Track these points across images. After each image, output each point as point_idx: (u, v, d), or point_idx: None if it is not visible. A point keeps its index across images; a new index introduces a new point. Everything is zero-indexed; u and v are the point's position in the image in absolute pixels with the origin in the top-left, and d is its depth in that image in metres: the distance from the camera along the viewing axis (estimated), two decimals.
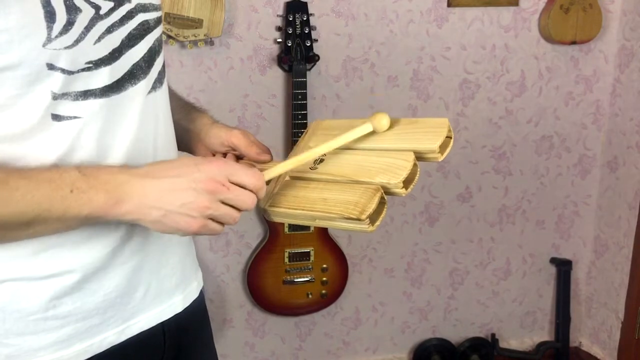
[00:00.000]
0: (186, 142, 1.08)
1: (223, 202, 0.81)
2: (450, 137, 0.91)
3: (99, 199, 0.77)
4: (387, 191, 0.86)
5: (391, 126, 0.95)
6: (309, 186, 0.92)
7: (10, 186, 0.74)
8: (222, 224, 0.84)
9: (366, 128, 0.92)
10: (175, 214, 0.79)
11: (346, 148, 0.96)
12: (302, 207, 0.89)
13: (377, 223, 0.85)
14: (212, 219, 0.82)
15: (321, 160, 0.95)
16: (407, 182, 0.86)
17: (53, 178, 0.76)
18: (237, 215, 0.84)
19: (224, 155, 1.05)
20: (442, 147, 0.89)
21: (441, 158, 0.89)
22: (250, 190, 0.83)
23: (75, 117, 0.80)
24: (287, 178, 0.96)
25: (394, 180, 0.85)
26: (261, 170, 1.02)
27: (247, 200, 0.83)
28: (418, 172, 0.88)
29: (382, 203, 0.85)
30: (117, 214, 0.79)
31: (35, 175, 0.76)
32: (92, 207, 0.77)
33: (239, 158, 1.04)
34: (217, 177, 0.80)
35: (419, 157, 0.89)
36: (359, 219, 0.82)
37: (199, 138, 1.06)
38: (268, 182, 0.92)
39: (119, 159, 0.85)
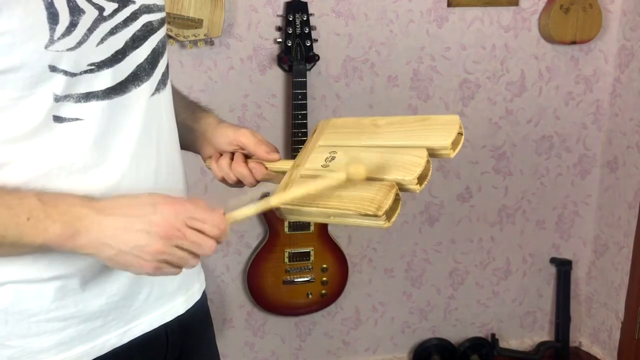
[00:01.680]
0: (191, 141, 1.07)
1: (179, 247, 0.80)
2: (461, 134, 0.92)
3: (54, 229, 0.76)
4: (401, 187, 0.87)
5: (400, 121, 0.95)
6: None
7: None
8: (178, 266, 0.82)
9: (340, 176, 0.88)
10: (128, 254, 0.78)
11: (358, 146, 0.96)
12: (317, 204, 0.89)
13: (393, 219, 0.85)
14: (168, 262, 0.81)
15: (333, 158, 0.95)
16: (421, 179, 0.87)
17: (11, 204, 0.75)
18: (195, 260, 0.82)
19: (232, 154, 1.04)
20: (454, 144, 0.90)
21: (453, 154, 0.90)
22: (210, 235, 0.82)
23: (77, 119, 0.80)
24: (300, 176, 0.95)
25: (409, 176, 0.86)
26: (268, 168, 1.01)
27: (205, 246, 0.81)
28: (431, 169, 0.89)
29: (397, 199, 0.86)
30: (73, 246, 0.78)
31: None
32: (47, 237, 0.76)
33: (247, 157, 1.03)
34: (173, 221, 0.79)
35: (431, 153, 0.90)
36: (375, 215, 0.83)
37: (205, 138, 1.05)
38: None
39: (121, 161, 0.85)
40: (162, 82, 0.91)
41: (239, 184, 1.04)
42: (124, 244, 0.78)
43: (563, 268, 2.53)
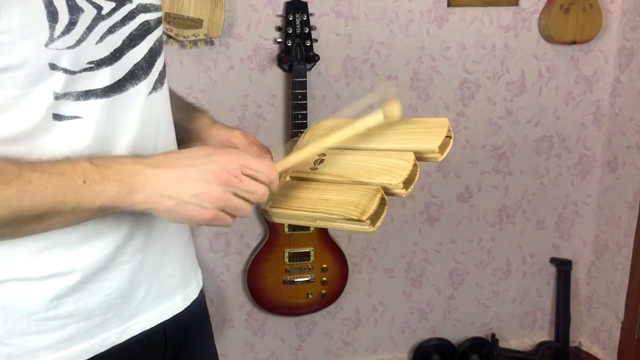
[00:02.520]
0: (186, 142, 1.07)
1: (235, 194, 0.81)
2: (450, 137, 0.91)
3: (112, 189, 0.77)
4: (387, 192, 0.86)
5: (390, 124, 0.95)
6: (309, 187, 0.92)
7: (23, 180, 0.74)
8: (233, 216, 0.83)
9: (378, 117, 0.89)
10: (188, 203, 0.79)
11: (346, 148, 0.96)
12: (303, 208, 0.89)
13: (378, 224, 0.85)
14: (224, 211, 0.82)
15: (321, 161, 0.95)
16: (407, 183, 0.86)
17: (65, 170, 0.76)
18: (249, 207, 0.84)
19: None
20: (442, 147, 0.89)
21: (441, 158, 0.89)
22: (263, 182, 0.83)
23: (76, 117, 0.80)
24: (288, 179, 0.96)
25: (395, 180, 0.85)
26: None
27: (259, 192, 0.83)
28: (418, 173, 0.88)
29: (382, 204, 0.85)
30: (131, 203, 0.79)
31: (47, 168, 0.76)
32: (105, 197, 0.77)
33: None
34: (229, 168, 0.80)
35: (419, 157, 0.89)
36: (359, 220, 0.83)
37: (199, 138, 1.06)
38: (281, 174, 0.92)
39: None
40: (160, 81, 0.92)
41: None
42: (183, 193, 0.79)
43: (563, 268, 2.53)
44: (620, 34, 2.31)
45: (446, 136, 0.90)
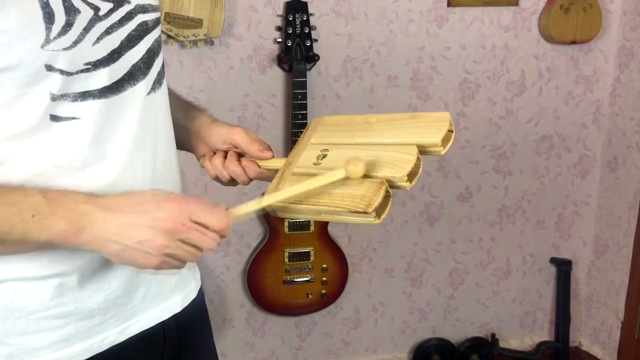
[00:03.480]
0: (186, 140, 1.07)
1: (183, 242, 0.81)
2: (452, 131, 0.92)
3: (59, 226, 0.77)
4: (391, 185, 0.87)
5: (391, 119, 0.95)
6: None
7: None
8: (182, 261, 0.83)
9: (339, 174, 0.88)
10: (133, 249, 0.79)
11: (349, 144, 0.96)
12: (307, 201, 0.89)
13: (383, 216, 0.85)
14: (172, 257, 0.82)
15: (324, 156, 0.95)
16: (411, 176, 0.87)
17: (16, 201, 0.76)
18: (198, 254, 0.83)
19: (225, 153, 1.05)
20: (444, 141, 0.90)
21: (443, 151, 0.90)
22: (214, 231, 0.83)
23: (73, 118, 0.80)
24: (291, 175, 0.96)
25: (399, 174, 0.86)
26: (261, 167, 1.02)
27: (208, 242, 0.82)
28: (421, 166, 0.89)
29: (387, 196, 0.86)
30: (77, 243, 0.79)
31: None
32: (51, 233, 0.77)
33: (240, 156, 1.04)
34: (177, 216, 0.80)
35: (422, 150, 0.90)
36: (365, 212, 0.83)
37: (199, 136, 1.06)
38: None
39: (118, 160, 0.85)
40: (158, 82, 0.92)
41: (232, 182, 1.05)
42: (129, 239, 0.79)
43: (563, 268, 2.53)
44: (620, 34, 2.31)
45: (448, 130, 0.91)
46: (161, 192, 0.83)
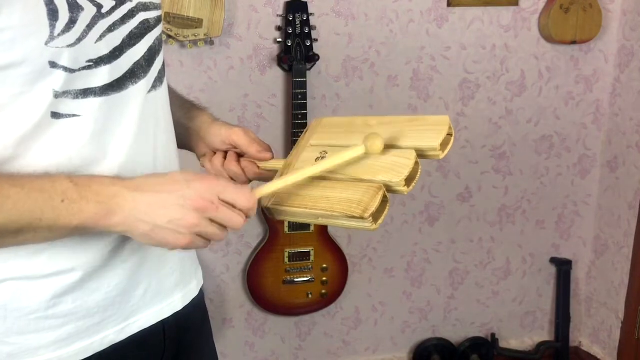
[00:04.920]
0: (186, 140, 1.07)
1: (211, 220, 0.81)
2: (451, 135, 0.91)
3: (89, 209, 0.77)
4: (389, 189, 0.87)
5: (391, 121, 0.94)
6: (311, 184, 0.92)
7: (1, 194, 0.74)
8: (208, 240, 0.84)
9: (359, 150, 0.89)
10: (163, 229, 0.80)
11: (347, 146, 0.96)
12: (305, 205, 0.89)
13: (380, 221, 0.85)
14: (200, 236, 0.82)
15: (322, 159, 0.95)
16: (409, 180, 0.86)
17: (45, 187, 0.76)
18: (225, 233, 0.84)
19: (226, 153, 1.05)
20: (443, 145, 0.89)
21: (442, 155, 0.89)
22: (240, 210, 0.83)
23: (74, 115, 0.80)
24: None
25: (396, 178, 0.85)
26: (260, 167, 1.02)
27: (236, 220, 0.83)
28: (420, 170, 0.88)
29: (384, 201, 0.85)
30: (107, 225, 0.79)
31: (27, 184, 0.76)
32: (82, 217, 0.77)
33: (240, 156, 1.04)
34: (206, 195, 0.80)
35: (420, 154, 0.89)
36: (362, 218, 0.83)
37: (199, 136, 1.06)
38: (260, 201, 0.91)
39: (118, 158, 0.85)
40: (159, 80, 0.92)
41: None
42: (159, 218, 0.79)
43: (563, 268, 2.53)
44: (620, 34, 2.31)
45: (447, 134, 0.90)
46: (188, 172, 0.84)
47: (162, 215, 0.79)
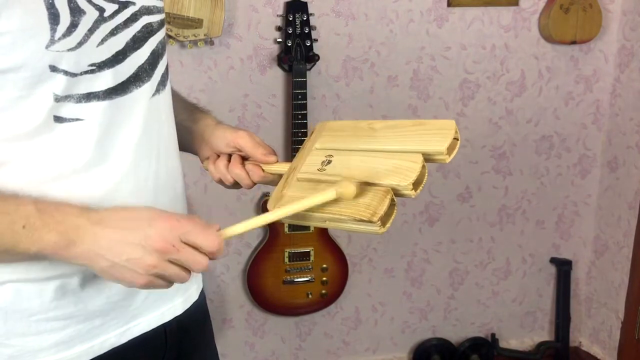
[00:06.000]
0: (189, 142, 1.07)
1: (172, 262, 0.80)
2: (457, 139, 0.91)
3: (50, 238, 0.76)
4: (396, 193, 0.87)
5: (397, 125, 0.94)
6: (317, 188, 0.92)
7: None
8: (170, 281, 0.82)
9: (330, 194, 0.87)
10: (121, 267, 0.78)
11: (354, 150, 0.96)
12: (313, 209, 0.89)
13: (388, 225, 0.85)
14: (160, 277, 0.81)
15: (329, 162, 0.95)
16: (416, 184, 0.86)
17: (8, 210, 0.75)
18: (187, 275, 0.82)
19: (229, 156, 1.04)
20: (449, 149, 0.89)
21: (448, 159, 0.89)
22: (204, 253, 0.81)
23: (77, 119, 0.80)
24: (295, 180, 0.95)
25: (404, 182, 0.85)
26: (265, 171, 1.01)
27: (199, 262, 0.81)
28: (426, 174, 0.88)
29: (392, 205, 0.86)
30: (67, 256, 0.78)
31: None
32: (41, 245, 0.76)
33: (244, 159, 1.04)
34: (168, 236, 0.79)
35: (427, 158, 0.89)
36: (370, 221, 0.82)
37: (203, 139, 1.06)
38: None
39: (121, 161, 0.85)
40: (162, 83, 0.92)
41: (236, 185, 1.04)
42: (118, 256, 0.78)
43: (563, 268, 2.53)
44: (620, 34, 2.31)
45: (453, 138, 0.91)
46: (154, 210, 0.82)
47: (121, 253, 0.78)
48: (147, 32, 0.87)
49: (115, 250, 0.78)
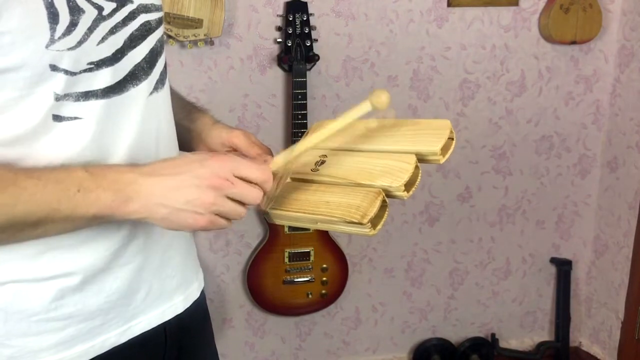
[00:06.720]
0: (187, 142, 1.07)
1: (229, 198, 0.81)
2: (452, 139, 0.91)
3: (106, 198, 0.77)
4: (388, 194, 0.86)
5: (392, 125, 0.94)
6: (310, 188, 0.92)
7: (18, 186, 0.74)
8: (229, 219, 0.83)
9: (365, 106, 0.88)
10: (182, 211, 0.79)
11: (347, 149, 0.95)
12: (303, 210, 0.89)
13: (379, 227, 0.84)
14: (219, 215, 0.82)
15: (322, 162, 0.95)
16: (408, 185, 0.86)
17: (60, 178, 0.76)
18: (244, 210, 0.83)
19: None
20: (444, 149, 0.88)
21: (443, 160, 0.88)
22: (256, 184, 0.83)
23: (75, 118, 0.80)
24: (289, 180, 0.96)
25: (396, 183, 0.85)
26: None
27: (253, 194, 0.82)
28: (419, 175, 0.88)
29: (383, 206, 0.85)
30: (125, 212, 0.78)
31: (43, 175, 0.76)
32: (99, 206, 0.77)
33: None
34: (220, 172, 0.80)
35: (421, 159, 0.88)
36: (360, 223, 0.82)
37: (200, 138, 1.06)
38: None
39: (120, 160, 0.85)
40: (161, 82, 0.92)
41: None
42: (176, 201, 0.79)
43: (563, 268, 2.53)
44: (620, 34, 2.31)
45: (448, 138, 0.90)
46: (201, 152, 0.84)
47: (178, 197, 0.79)
48: (145, 30, 0.87)
49: (172, 196, 0.79)
